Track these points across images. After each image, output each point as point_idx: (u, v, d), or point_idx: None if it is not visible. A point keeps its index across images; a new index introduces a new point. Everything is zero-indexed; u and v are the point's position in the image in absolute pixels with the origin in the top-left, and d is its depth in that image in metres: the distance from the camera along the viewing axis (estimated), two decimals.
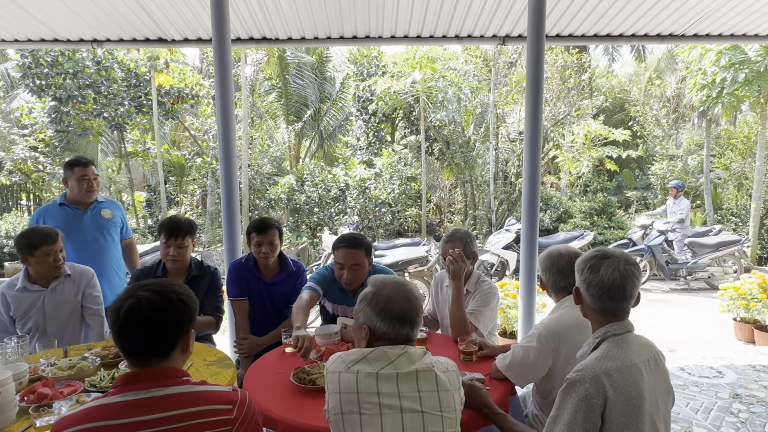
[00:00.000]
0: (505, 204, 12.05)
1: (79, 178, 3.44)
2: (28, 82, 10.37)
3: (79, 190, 3.45)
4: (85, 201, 3.48)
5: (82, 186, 3.44)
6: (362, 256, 2.71)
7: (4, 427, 1.72)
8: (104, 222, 3.52)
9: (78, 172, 3.44)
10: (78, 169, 3.44)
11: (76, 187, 3.45)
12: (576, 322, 1.93)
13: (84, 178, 3.43)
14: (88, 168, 3.47)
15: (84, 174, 3.43)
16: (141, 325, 1.31)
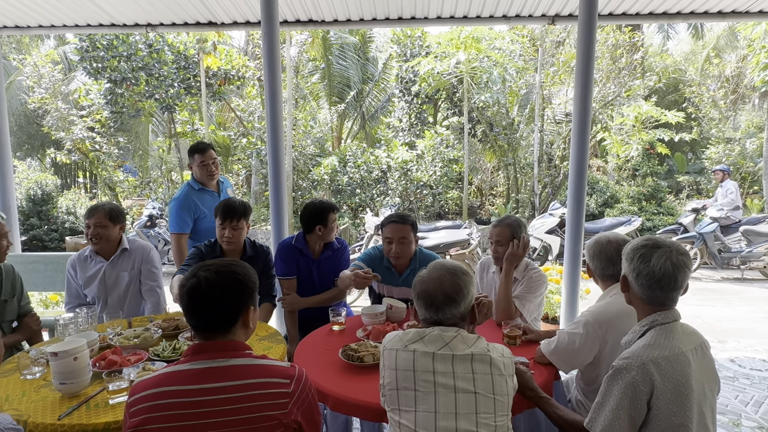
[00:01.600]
0: (549, 188, 11.81)
1: (200, 164, 3.62)
2: (85, 65, 10.83)
3: (202, 175, 3.64)
4: (210, 183, 3.68)
5: (204, 171, 3.63)
6: (409, 230, 2.86)
7: (81, 389, 1.88)
8: None
9: (198, 158, 3.63)
10: (197, 156, 3.63)
11: (198, 172, 3.64)
12: (624, 310, 1.92)
13: (203, 164, 3.62)
14: (207, 153, 3.62)
15: (203, 160, 3.62)
16: (202, 303, 1.41)
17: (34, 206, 9.89)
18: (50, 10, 4.98)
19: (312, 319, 3.03)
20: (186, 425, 1.31)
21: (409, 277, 2.98)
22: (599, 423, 1.54)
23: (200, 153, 3.65)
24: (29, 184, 10.14)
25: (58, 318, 2.37)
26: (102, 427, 1.68)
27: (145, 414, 1.32)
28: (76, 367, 1.85)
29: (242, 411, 1.33)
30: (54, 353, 1.82)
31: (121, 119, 11.91)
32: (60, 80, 11.94)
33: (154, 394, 1.34)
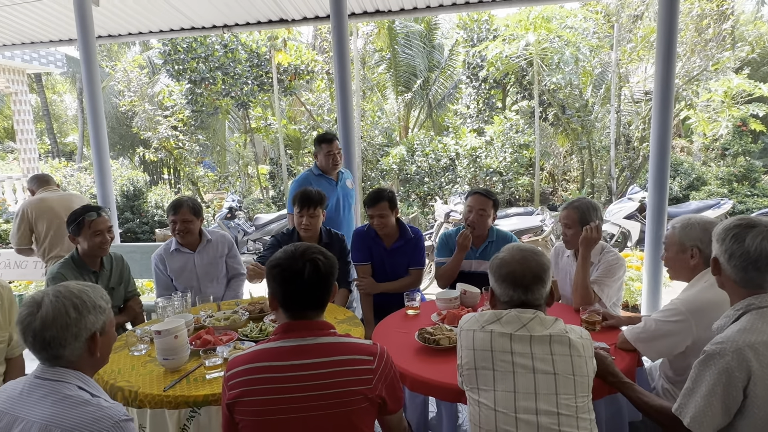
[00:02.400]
0: (627, 171, 11.23)
1: (326, 154, 3.79)
2: (168, 67, 11.56)
3: (326, 164, 3.81)
4: (332, 172, 3.86)
5: (329, 160, 3.79)
6: (489, 205, 3.02)
7: (181, 365, 2.06)
8: (348, 191, 3.90)
9: (325, 147, 3.79)
10: (324, 145, 3.80)
11: (323, 161, 3.82)
12: (718, 296, 1.82)
13: (330, 153, 3.78)
14: (333, 143, 3.79)
15: (329, 150, 3.78)
16: (306, 284, 1.48)
17: (127, 201, 10.72)
18: (138, 18, 5.36)
19: (387, 304, 3.11)
20: (280, 398, 1.41)
21: (486, 250, 3.05)
22: (689, 409, 1.48)
23: (327, 143, 3.80)
24: (122, 182, 10.99)
25: (157, 300, 2.60)
26: (201, 399, 1.84)
27: (242, 387, 1.43)
28: (177, 344, 2.03)
29: (330, 386, 1.41)
30: (158, 332, 2.00)
31: (201, 117, 12.61)
32: (146, 83, 12.80)
33: (250, 369, 1.45)
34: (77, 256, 2.79)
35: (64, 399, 1.28)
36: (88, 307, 1.36)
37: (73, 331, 1.33)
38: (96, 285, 1.45)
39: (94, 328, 1.37)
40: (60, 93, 23.04)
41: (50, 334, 1.31)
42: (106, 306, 1.43)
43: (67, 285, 1.39)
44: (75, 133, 21.34)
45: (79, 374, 1.36)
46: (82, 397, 1.30)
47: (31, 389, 1.32)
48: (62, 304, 1.33)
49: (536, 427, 1.45)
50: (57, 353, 1.33)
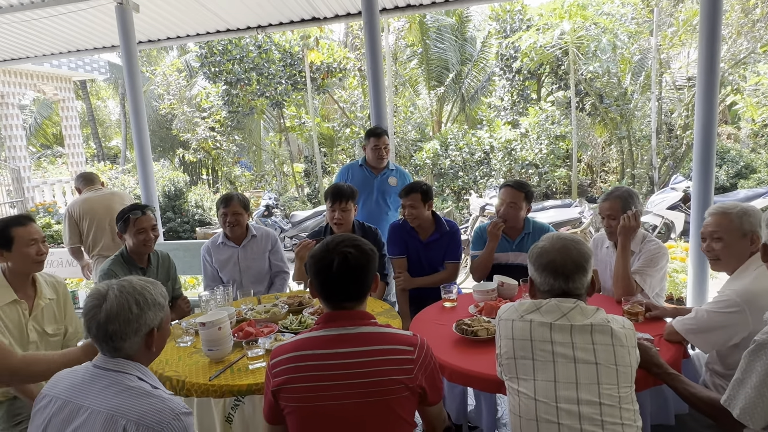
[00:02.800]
0: (669, 160, 10.85)
1: (372, 147, 3.88)
2: (205, 70, 11.86)
3: (373, 158, 3.90)
4: (377, 166, 3.93)
5: (375, 154, 3.87)
6: (520, 197, 2.98)
7: (225, 355, 2.13)
8: (389, 188, 3.93)
9: (372, 141, 3.88)
10: (372, 139, 3.88)
11: (369, 154, 3.91)
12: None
13: (376, 147, 3.86)
14: (380, 138, 3.86)
15: (377, 144, 3.86)
16: (335, 277, 1.50)
17: (169, 201, 11.05)
18: (175, 23, 5.52)
19: (423, 297, 3.12)
20: (322, 385, 1.44)
21: (522, 242, 3.02)
22: (739, 401, 1.44)
23: (375, 137, 3.87)
24: (164, 182, 11.34)
25: (201, 295, 2.69)
26: (245, 388, 1.89)
27: (287, 374, 1.47)
28: (221, 336, 2.10)
29: (372, 374, 1.43)
30: (202, 323, 2.07)
31: (237, 118, 12.88)
32: (184, 86, 13.17)
33: (293, 357, 1.49)
34: (126, 253, 2.91)
35: (127, 389, 1.33)
36: (149, 303, 1.42)
37: (134, 326, 1.39)
38: (156, 281, 1.51)
39: (153, 324, 1.43)
40: (104, 99, 23.93)
41: (113, 328, 1.37)
42: (164, 303, 1.48)
43: (131, 280, 1.45)
44: (118, 137, 22.14)
45: (138, 365, 1.42)
46: (144, 389, 1.34)
47: (93, 379, 1.37)
48: (126, 299, 1.38)
49: (578, 416, 1.44)
50: (117, 345, 1.39)
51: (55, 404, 1.36)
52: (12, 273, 2.32)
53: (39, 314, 2.38)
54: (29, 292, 2.39)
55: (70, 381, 1.40)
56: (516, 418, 1.54)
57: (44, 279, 2.48)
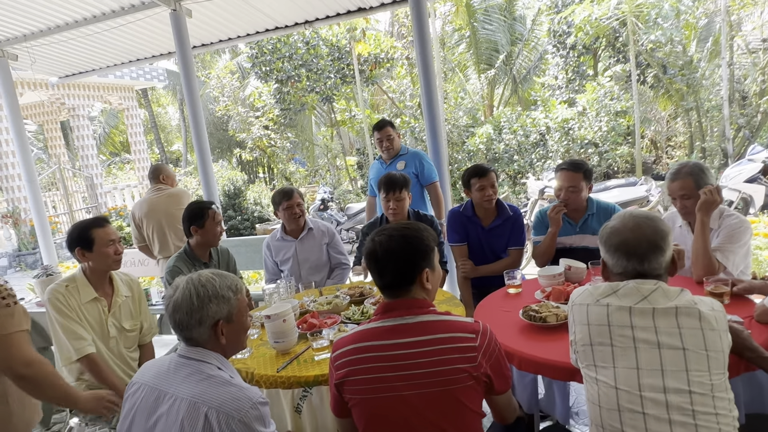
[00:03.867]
0: (744, 130, 10.09)
1: (377, 140, 4.04)
2: (256, 70, 12.14)
3: (379, 149, 4.07)
4: (388, 156, 4.05)
5: (379, 146, 4.04)
6: (579, 178, 2.82)
7: (291, 347, 2.15)
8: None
9: (376, 135, 4.03)
10: (375, 132, 4.04)
11: (378, 147, 4.07)
12: None
13: (379, 140, 4.02)
14: (381, 131, 3.99)
15: (379, 137, 4.01)
16: (379, 265, 1.51)
17: (229, 200, 11.43)
18: (226, 24, 5.65)
19: (485, 285, 3.05)
20: (385, 377, 1.42)
21: (587, 223, 2.90)
22: None
23: (377, 130, 4.02)
24: (223, 182, 11.74)
25: (265, 288, 2.75)
26: (312, 379, 1.91)
27: (348, 367, 1.46)
28: (286, 327, 2.12)
29: (435, 363, 1.39)
30: (267, 316, 2.11)
31: (289, 115, 13.12)
32: (237, 87, 13.53)
33: (354, 350, 1.47)
34: (189, 249, 3.01)
35: (208, 378, 1.39)
36: (210, 295, 1.45)
37: (197, 317, 1.44)
38: (226, 274, 1.54)
39: (219, 316, 1.46)
40: (164, 105, 25.04)
41: (178, 317, 1.44)
42: (233, 296, 1.50)
43: (201, 273, 1.51)
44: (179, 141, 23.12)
45: (218, 356, 1.48)
46: (223, 377, 1.40)
47: (178, 367, 1.44)
48: (189, 291, 1.45)
49: (665, 406, 1.33)
50: (186, 335, 1.46)
51: (144, 391, 1.44)
52: (92, 272, 2.45)
53: (117, 311, 2.51)
54: (107, 290, 2.52)
55: (157, 369, 1.48)
56: (595, 407, 1.46)
57: (120, 277, 2.61)
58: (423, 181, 3.99)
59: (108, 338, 2.45)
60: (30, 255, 9.90)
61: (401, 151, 4.03)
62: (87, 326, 2.36)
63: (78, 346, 2.27)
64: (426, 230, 1.56)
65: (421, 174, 3.97)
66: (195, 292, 1.44)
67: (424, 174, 3.98)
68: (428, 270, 1.53)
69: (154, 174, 4.27)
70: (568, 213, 2.93)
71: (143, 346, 2.67)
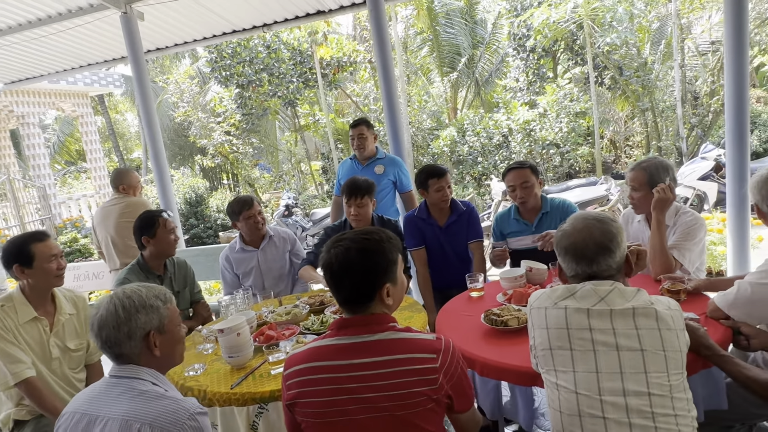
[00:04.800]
0: (697, 129, 10.46)
1: (351, 137, 3.98)
2: (216, 74, 11.89)
3: (354, 148, 3.98)
4: (360, 157, 3.98)
5: (353, 144, 3.97)
6: (529, 173, 2.87)
7: (246, 362, 2.06)
8: (375, 176, 3.87)
9: (351, 132, 3.98)
10: (351, 130, 3.98)
11: (352, 145, 4.00)
12: None
13: (352, 138, 3.96)
14: (356, 128, 3.95)
15: (352, 134, 3.96)
16: (335, 279, 1.39)
17: (191, 208, 11.14)
18: (181, 28, 5.49)
19: (448, 288, 3.02)
20: (337, 399, 1.33)
21: (542, 222, 2.92)
22: None
23: (352, 128, 3.97)
24: (185, 189, 11.43)
25: (221, 300, 2.64)
26: (268, 395, 1.82)
27: (299, 388, 1.37)
28: (240, 341, 2.03)
29: (391, 387, 1.30)
30: (221, 330, 2.01)
31: (251, 120, 12.90)
32: (198, 93, 13.23)
33: (305, 369, 1.38)
34: (142, 260, 2.87)
35: (141, 394, 1.33)
36: (137, 306, 1.39)
37: (124, 330, 1.37)
38: (153, 285, 1.48)
39: (149, 327, 1.40)
40: (122, 112, 24.31)
41: (105, 334, 1.37)
42: (162, 305, 1.44)
43: (125, 286, 1.45)
44: (139, 148, 22.47)
45: (151, 371, 1.41)
46: (157, 392, 1.34)
47: (108, 388, 1.38)
48: (114, 304, 1.38)
49: (625, 409, 1.31)
50: (116, 352, 1.39)
51: (74, 418, 1.36)
52: (32, 290, 2.30)
53: (60, 330, 2.36)
54: (49, 309, 2.36)
55: (88, 394, 1.40)
56: (556, 413, 1.42)
57: (63, 294, 2.46)
58: (400, 188, 3.99)
59: (50, 360, 2.29)
60: None
61: (378, 155, 3.98)
62: (26, 348, 2.20)
63: (15, 370, 2.12)
64: (388, 240, 1.44)
65: (400, 182, 3.97)
66: (120, 304, 1.38)
67: (403, 182, 3.98)
68: (389, 285, 1.42)
69: (113, 181, 4.06)
70: (523, 213, 2.97)
71: (91, 365, 2.51)
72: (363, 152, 3.92)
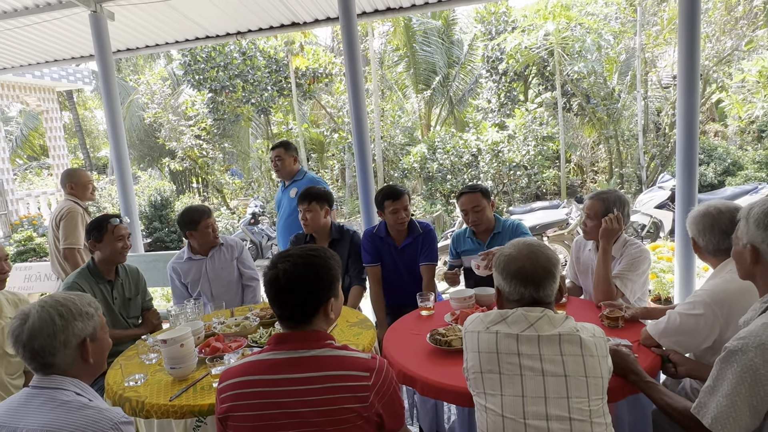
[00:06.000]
0: (657, 159, 10.86)
1: (271, 159, 4.04)
2: (189, 78, 11.76)
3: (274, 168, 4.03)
4: (283, 178, 4.06)
5: (274, 165, 4.02)
6: (479, 197, 2.94)
7: (188, 373, 2.04)
8: (290, 199, 3.93)
9: (272, 153, 4.02)
10: (271, 152, 4.04)
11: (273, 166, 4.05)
12: (747, 287, 1.69)
13: (272, 161, 4.03)
14: (273, 151, 4.00)
15: (271, 157, 4.02)
16: (281, 294, 1.41)
17: (156, 211, 10.92)
18: (154, 30, 5.44)
19: (401, 304, 3.05)
20: (268, 413, 1.34)
21: (494, 242, 3.00)
22: (710, 409, 1.37)
23: (271, 150, 4.06)
24: (150, 192, 11.21)
25: (170, 309, 2.60)
26: (207, 408, 1.81)
27: (231, 401, 1.38)
28: (183, 353, 2.01)
29: (322, 402, 1.33)
30: (164, 340, 1.99)
31: (224, 125, 12.78)
32: (169, 95, 13.05)
33: (239, 383, 1.39)
34: (93, 265, 2.81)
35: (62, 404, 1.30)
36: (74, 314, 1.38)
37: (61, 338, 1.35)
38: (83, 293, 1.48)
39: (84, 334, 1.40)
40: (91, 109, 23.74)
41: (38, 343, 1.33)
42: (95, 312, 1.44)
43: (54, 295, 1.42)
44: (107, 147, 21.94)
45: (75, 381, 1.39)
46: (80, 401, 1.32)
47: (28, 399, 1.34)
48: (47, 313, 1.35)
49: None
50: (48, 362, 1.35)
51: None
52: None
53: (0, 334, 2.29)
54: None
55: (6, 406, 1.36)
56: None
57: (6, 297, 2.40)
58: None
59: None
60: None
61: (296, 176, 4.04)
62: None
63: None
64: (332, 257, 1.49)
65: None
66: (56, 312, 1.35)
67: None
68: (333, 300, 1.47)
69: (62, 181, 3.92)
70: (476, 233, 3.04)
71: (30, 372, 2.44)
72: (280, 173, 4.02)
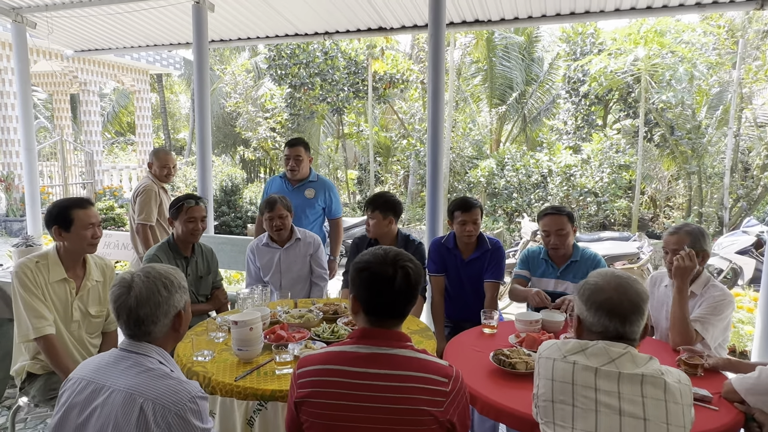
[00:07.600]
0: (742, 201, 10.16)
1: (285, 156, 3.85)
2: (271, 72, 12.21)
3: (286, 168, 3.85)
4: (291, 178, 3.84)
5: (286, 164, 3.84)
6: (566, 221, 2.84)
7: (254, 357, 2.10)
8: (305, 200, 3.82)
9: (286, 150, 3.83)
10: (286, 149, 3.83)
11: (285, 165, 3.86)
12: None
13: (287, 158, 3.82)
14: (292, 149, 3.78)
15: (287, 154, 3.81)
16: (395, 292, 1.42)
17: (225, 196, 11.39)
18: (248, 24, 5.68)
19: (460, 318, 3.01)
20: (347, 404, 1.36)
21: (568, 270, 2.88)
22: None
23: (288, 147, 3.81)
24: (222, 177, 11.71)
25: (238, 292, 2.70)
26: (269, 394, 1.86)
27: (311, 387, 1.40)
28: (252, 336, 2.08)
29: (401, 401, 1.34)
30: (235, 322, 2.06)
31: (298, 121, 13.17)
32: (251, 87, 13.60)
33: (321, 370, 1.42)
34: (173, 240, 2.97)
35: (147, 371, 1.38)
36: (176, 286, 1.48)
37: (164, 308, 1.45)
38: (176, 268, 1.56)
39: (179, 306, 1.50)
40: (176, 93, 25.14)
41: (144, 312, 1.42)
42: (186, 286, 1.55)
43: (154, 266, 1.51)
44: (186, 130, 23.16)
45: (160, 350, 1.47)
46: (163, 371, 1.39)
47: (117, 360, 1.43)
48: (153, 283, 1.44)
49: None
50: (147, 329, 1.44)
51: (80, 384, 1.41)
52: (66, 252, 2.40)
53: (85, 294, 2.45)
54: (78, 272, 2.46)
55: (96, 363, 1.46)
56: None
57: (95, 261, 2.56)
58: (329, 214, 3.93)
59: (70, 321, 2.39)
60: (17, 222, 9.80)
61: (310, 177, 3.88)
62: (51, 306, 2.30)
63: (37, 325, 2.22)
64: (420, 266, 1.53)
65: (329, 207, 3.91)
66: (161, 284, 1.45)
67: (332, 208, 3.92)
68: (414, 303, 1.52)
69: (149, 157, 4.11)
70: (552, 257, 2.94)
71: (107, 333, 2.60)
72: (295, 173, 3.79)
